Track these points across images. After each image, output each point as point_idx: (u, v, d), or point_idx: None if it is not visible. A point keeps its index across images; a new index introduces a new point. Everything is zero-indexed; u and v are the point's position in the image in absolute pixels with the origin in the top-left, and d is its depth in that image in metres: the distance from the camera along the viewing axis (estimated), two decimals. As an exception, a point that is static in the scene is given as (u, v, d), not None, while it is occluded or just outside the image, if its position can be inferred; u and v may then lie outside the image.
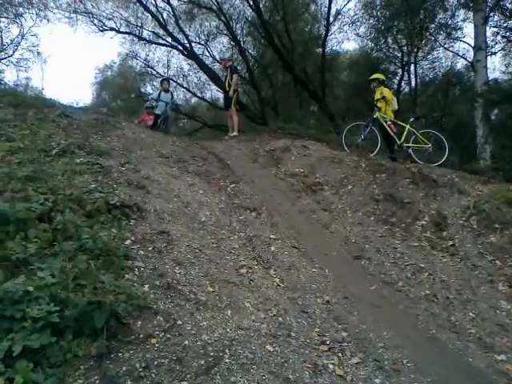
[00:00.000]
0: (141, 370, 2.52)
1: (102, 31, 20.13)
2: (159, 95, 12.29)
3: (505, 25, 13.75)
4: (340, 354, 3.33)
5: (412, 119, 9.20)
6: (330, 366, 3.14)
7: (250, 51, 21.90)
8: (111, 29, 20.28)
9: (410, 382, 3.16)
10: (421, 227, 6.02)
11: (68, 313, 2.56)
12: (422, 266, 5.15)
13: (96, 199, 4.20)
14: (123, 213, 4.26)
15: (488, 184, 7.08)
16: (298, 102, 20.38)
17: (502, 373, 3.51)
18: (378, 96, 9.29)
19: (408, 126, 8.84)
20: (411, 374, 3.27)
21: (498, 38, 14.32)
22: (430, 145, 8.54)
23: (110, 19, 20.05)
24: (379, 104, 9.19)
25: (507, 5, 14.06)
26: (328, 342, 3.44)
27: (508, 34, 13.47)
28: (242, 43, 20.40)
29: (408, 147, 8.70)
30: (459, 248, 5.53)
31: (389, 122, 9.03)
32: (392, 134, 8.95)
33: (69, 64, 52.78)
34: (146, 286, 3.27)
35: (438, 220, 6.10)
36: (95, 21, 19.73)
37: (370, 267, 5.18)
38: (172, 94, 13.18)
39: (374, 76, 9.82)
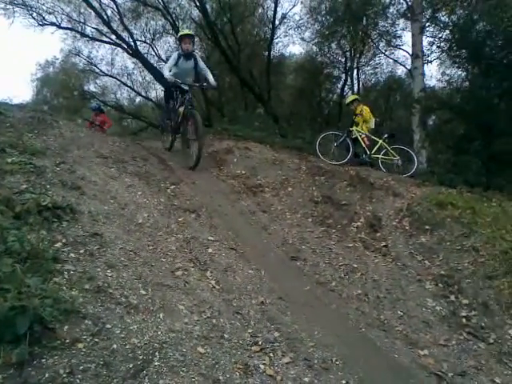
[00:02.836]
0: (65, 375, 2.45)
1: (41, 25, 19.33)
2: (177, 62, 7.96)
3: (440, 35, 14.44)
4: (271, 354, 3.37)
5: (386, 135, 9.82)
6: (261, 366, 3.17)
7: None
8: (52, 24, 19.55)
9: (338, 380, 3.25)
10: (356, 228, 6.22)
11: (-13, 319, 2.46)
12: (355, 266, 5.32)
13: (26, 200, 4.05)
14: (55, 214, 4.11)
15: (422, 187, 7.45)
16: (244, 104, 20.48)
17: (423, 366, 3.68)
18: (358, 111, 10.13)
19: (381, 141, 9.56)
20: (339, 371, 3.36)
21: (434, 47, 15.03)
22: (398, 157, 9.30)
23: (50, 13, 19.36)
24: (357, 119, 10.03)
25: (441, 17, 14.85)
26: (260, 343, 3.48)
27: (442, 44, 14.13)
28: (188, 44, 20.19)
29: (377, 158, 9.40)
30: (391, 248, 5.76)
31: (363, 136, 9.79)
32: (364, 146, 9.68)
33: (5, 58, 50.11)
34: (75, 289, 3.17)
35: (372, 221, 6.32)
36: (34, 14, 18.92)
37: (306, 268, 5.29)
38: (197, 61, 8.18)
39: (351, 98, 10.99)
